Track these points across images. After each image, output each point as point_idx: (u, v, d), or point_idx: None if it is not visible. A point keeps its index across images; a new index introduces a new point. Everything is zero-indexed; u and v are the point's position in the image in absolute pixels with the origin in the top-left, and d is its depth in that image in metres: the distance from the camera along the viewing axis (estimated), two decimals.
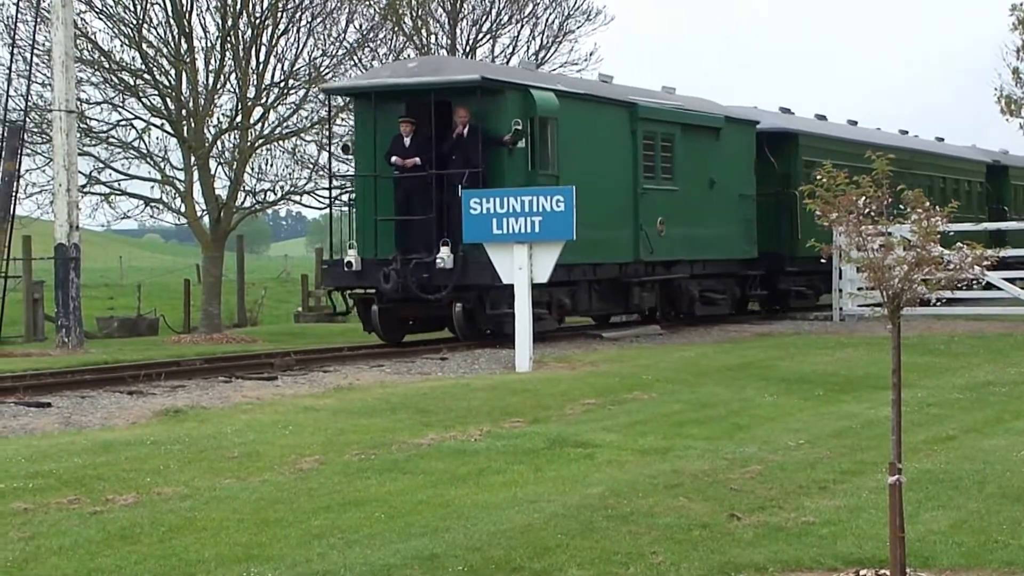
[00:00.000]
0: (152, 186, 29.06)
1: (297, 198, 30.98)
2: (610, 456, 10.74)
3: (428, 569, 7.42)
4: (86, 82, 27.70)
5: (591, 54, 36.19)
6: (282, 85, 28.91)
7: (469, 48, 33.78)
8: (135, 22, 27.58)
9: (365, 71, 28.89)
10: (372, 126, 21.36)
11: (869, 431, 11.97)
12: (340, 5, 29.79)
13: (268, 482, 9.73)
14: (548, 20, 34.75)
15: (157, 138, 28.80)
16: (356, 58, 30.66)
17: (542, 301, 20.68)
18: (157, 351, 22.05)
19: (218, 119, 28.76)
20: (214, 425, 12.31)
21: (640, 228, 23.65)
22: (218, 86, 28.33)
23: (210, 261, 29.26)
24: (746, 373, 16.66)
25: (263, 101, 28.70)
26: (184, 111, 27.82)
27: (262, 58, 28.52)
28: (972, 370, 17.14)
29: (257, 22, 28.21)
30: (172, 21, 27.87)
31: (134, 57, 27.98)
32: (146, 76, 27.82)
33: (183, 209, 28.83)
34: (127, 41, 27.81)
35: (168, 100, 27.96)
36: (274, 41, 28.58)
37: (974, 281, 8.92)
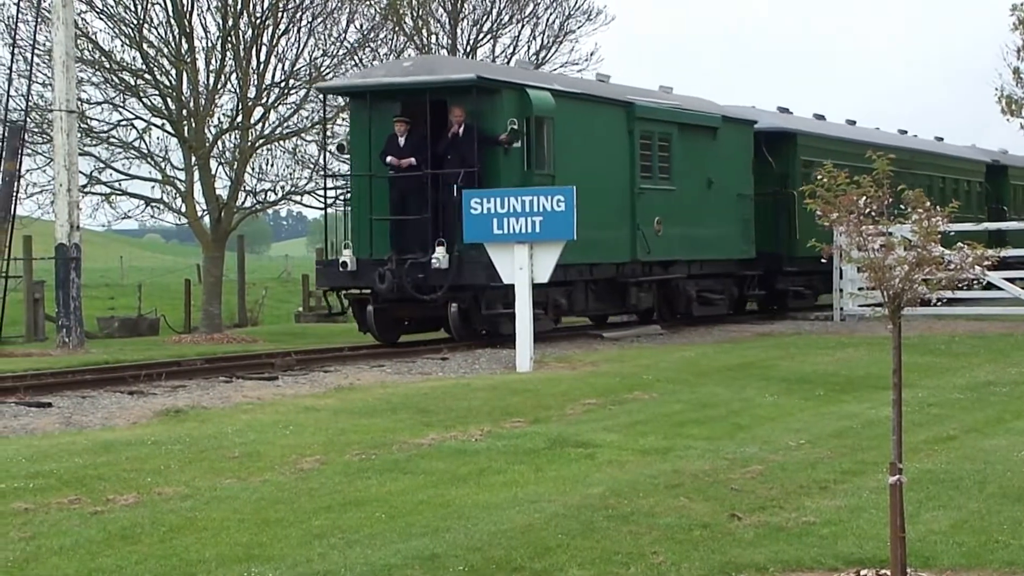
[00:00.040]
0: (153, 186, 29.10)
1: (298, 198, 30.98)
2: (611, 456, 10.74)
3: (429, 569, 7.42)
4: (87, 82, 27.74)
5: (592, 54, 36.22)
6: (283, 85, 28.91)
7: (470, 48, 33.79)
8: (136, 22, 27.59)
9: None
10: (367, 125, 21.29)
11: (870, 431, 11.97)
12: (341, 5, 29.79)
13: (269, 482, 9.73)
14: (549, 20, 34.82)
15: (158, 138, 28.86)
16: (357, 58, 30.65)
17: (538, 301, 20.58)
18: (158, 351, 22.05)
19: (219, 119, 28.80)
20: (215, 425, 12.31)
21: (637, 228, 23.62)
22: (219, 86, 28.34)
23: (211, 261, 29.25)
24: (747, 373, 16.66)
25: (264, 101, 28.70)
26: (185, 111, 27.82)
27: (263, 58, 28.54)
28: (973, 370, 17.14)
29: (258, 22, 28.21)
30: (173, 21, 27.87)
31: (135, 57, 28.01)
32: (147, 76, 27.82)
33: (184, 209, 28.83)
34: (128, 41, 27.81)
35: (169, 100, 27.96)
36: (275, 41, 28.60)
37: (975, 281, 8.91)
